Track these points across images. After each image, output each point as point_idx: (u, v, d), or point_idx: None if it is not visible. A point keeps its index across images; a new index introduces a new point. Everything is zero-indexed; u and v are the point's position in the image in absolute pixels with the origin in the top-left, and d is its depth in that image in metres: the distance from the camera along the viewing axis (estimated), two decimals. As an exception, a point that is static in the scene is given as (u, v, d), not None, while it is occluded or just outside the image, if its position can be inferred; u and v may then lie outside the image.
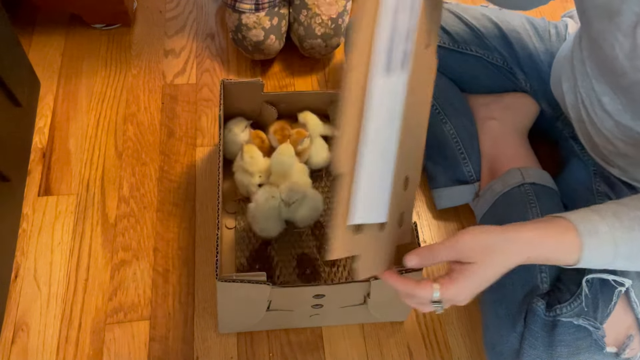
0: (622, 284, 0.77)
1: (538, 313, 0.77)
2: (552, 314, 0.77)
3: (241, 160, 0.95)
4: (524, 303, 0.79)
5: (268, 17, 1.12)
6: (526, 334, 0.76)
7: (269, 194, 0.92)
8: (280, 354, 0.88)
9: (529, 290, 0.80)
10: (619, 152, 0.81)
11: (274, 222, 0.93)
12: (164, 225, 1.00)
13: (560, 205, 0.91)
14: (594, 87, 0.79)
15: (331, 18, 1.14)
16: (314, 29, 1.14)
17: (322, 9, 1.13)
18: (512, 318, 0.78)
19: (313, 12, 1.13)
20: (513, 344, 0.77)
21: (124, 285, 0.93)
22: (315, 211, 0.94)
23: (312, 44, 1.16)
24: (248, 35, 1.13)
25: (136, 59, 1.22)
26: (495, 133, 1.00)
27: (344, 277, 0.95)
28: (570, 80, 0.87)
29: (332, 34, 1.16)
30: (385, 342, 0.90)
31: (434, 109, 1.00)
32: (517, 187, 0.91)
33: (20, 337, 0.87)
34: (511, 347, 0.77)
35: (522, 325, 0.77)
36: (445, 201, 1.01)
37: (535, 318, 0.77)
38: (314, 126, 1.00)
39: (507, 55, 1.01)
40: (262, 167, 0.96)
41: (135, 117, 1.13)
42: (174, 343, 0.88)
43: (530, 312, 0.77)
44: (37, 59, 1.19)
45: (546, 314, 0.77)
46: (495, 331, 0.80)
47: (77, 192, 1.02)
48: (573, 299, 0.77)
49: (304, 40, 1.17)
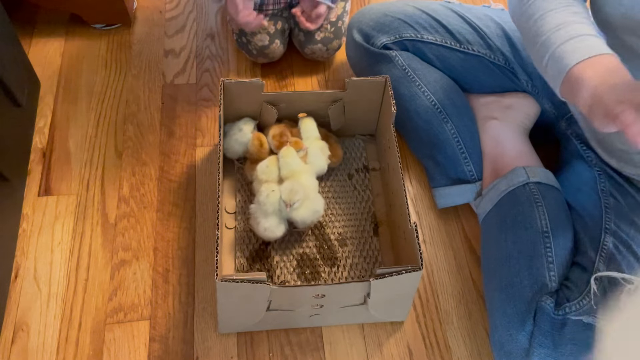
0: (631, 282, 0.77)
1: (547, 311, 0.77)
2: (561, 312, 0.77)
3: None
4: (533, 302, 0.79)
5: (272, 21, 1.12)
6: (535, 333, 0.76)
7: (269, 190, 0.92)
8: (280, 354, 0.88)
9: (538, 289, 0.80)
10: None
11: (276, 219, 0.92)
12: (164, 225, 1.00)
13: (565, 204, 0.91)
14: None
15: (330, 22, 1.14)
16: (314, 34, 1.14)
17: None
18: (521, 317, 0.78)
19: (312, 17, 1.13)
20: (522, 343, 0.77)
21: (124, 285, 0.93)
22: (315, 214, 0.94)
23: (312, 49, 1.17)
24: (253, 39, 1.13)
25: (136, 59, 1.22)
26: (496, 132, 1.00)
27: (344, 277, 0.95)
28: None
29: (332, 37, 1.16)
30: (385, 342, 0.90)
31: (435, 108, 1.00)
32: (522, 186, 0.91)
33: (20, 337, 0.87)
34: (520, 346, 0.77)
35: (532, 324, 0.77)
36: (446, 200, 1.01)
37: (545, 316, 0.77)
38: (310, 133, 1.00)
39: (510, 55, 1.01)
40: (276, 176, 0.96)
41: (135, 117, 1.13)
42: (174, 343, 0.88)
43: (539, 311, 0.77)
44: (37, 59, 1.19)
45: (555, 313, 0.77)
46: (504, 330, 0.79)
47: (77, 192, 1.02)
48: (582, 297, 0.77)
49: (304, 46, 1.17)
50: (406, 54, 1.04)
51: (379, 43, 1.04)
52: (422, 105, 1.00)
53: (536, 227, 0.85)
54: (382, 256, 0.97)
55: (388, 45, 1.04)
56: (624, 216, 0.84)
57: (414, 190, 1.07)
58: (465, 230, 1.02)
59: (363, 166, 1.07)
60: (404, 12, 1.04)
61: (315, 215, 0.94)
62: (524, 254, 0.83)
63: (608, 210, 0.85)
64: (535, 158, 0.99)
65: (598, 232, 0.84)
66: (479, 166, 0.99)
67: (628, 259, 0.80)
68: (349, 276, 0.95)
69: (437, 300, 0.95)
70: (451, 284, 0.96)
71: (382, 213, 1.02)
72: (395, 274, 0.74)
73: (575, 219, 0.89)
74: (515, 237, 0.86)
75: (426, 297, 0.95)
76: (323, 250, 0.97)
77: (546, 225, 0.85)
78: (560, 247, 0.84)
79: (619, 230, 0.83)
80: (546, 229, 0.85)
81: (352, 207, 1.01)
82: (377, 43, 1.04)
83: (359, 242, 0.98)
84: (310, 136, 1.00)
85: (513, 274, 0.82)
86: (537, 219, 0.86)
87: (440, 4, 1.06)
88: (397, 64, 1.03)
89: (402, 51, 1.04)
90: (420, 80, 1.01)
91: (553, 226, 0.85)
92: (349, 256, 0.97)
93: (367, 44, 1.05)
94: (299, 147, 0.96)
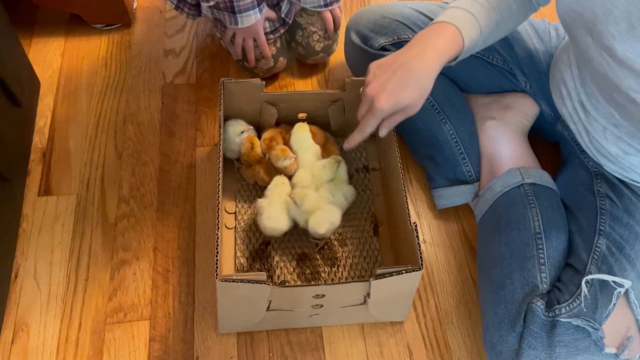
0: (621, 285, 0.78)
1: (537, 313, 0.77)
2: (551, 314, 0.77)
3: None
4: (524, 303, 0.79)
5: (272, 43, 1.12)
6: (525, 334, 0.76)
7: (278, 181, 0.92)
8: (280, 354, 0.88)
9: (529, 291, 0.80)
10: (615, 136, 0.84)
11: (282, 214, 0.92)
12: (164, 225, 1.00)
13: (560, 205, 0.91)
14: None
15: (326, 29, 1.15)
16: (314, 47, 1.15)
17: (317, 25, 1.13)
18: (512, 318, 0.78)
19: (309, 31, 1.13)
20: (512, 344, 0.77)
21: (124, 285, 0.93)
22: (331, 225, 0.91)
23: (315, 59, 1.18)
24: (258, 64, 1.13)
25: (136, 59, 1.22)
26: (495, 133, 1.00)
27: (344, 277, 0.95)
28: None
29: (331, 43, 1.17)
30: (385, 342, 0.90)
31: (434, 109, 1.00)
32: (516, 187, 0.91)
33: (20, 337, 0.87)
34: (510, 347, 0.77)
35: (522, 326, 0.77)
36: (445, 201, 1.01)
37: (535, 318, 0.77)
38: (301, 144, 0.99)
39: (507, 55, 1.01)
40: (288, 189, 0.95)
41: (135, 117, 1.13)
42: (174, 343, 0.88)
43: (529, 312, 0.77)
44: (37, 59, 1.19)
45: (545, 314, 0.77)
46: (495, 331, 0.80)
47: (77, 192, 1.02)
48: (572, 300, 0.77)
49: (306, 58, 1.18)
50: None
51: (376, 45, 1.04)
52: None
53: (529, 229, 0.85)
54: (382, 256, 0.97)
55: (386, 46, 1.04)
56: (619, 218, 0.84)
57: (414, 190, 1.07)
58: (465, 230, 1.02)
59: (363, 166, 1.07)
60: (401, 13, 1.04)
61: (329, 227, 0.91)
62: (516, 255, 0.83)
63: (603, 212, 0.86)
64: (533, 159, 0.99)
65: (592, 233, 0.84)
66: (477, 167, 1.00)
67: (620, 262, 0.80)
68: (349, 276, 0.95)
69: (437, 300, 0.95)
70: (451, 284, 0.96)
71: (382, 213, 1.02)
72: (395, 274, 0.74)
73: (570, 220, 0.89)
74: (508, 238, 0.86)
75: (426, 297, 0.95)
76: (323, 250, 0.97)
77: (539, 226, 0.85)
78: (553, 248, 0.84)
79: (613, 232, 0.83)
80: (539, 230, 0.85)
81: (352, 207, 1.01)
82: (375, 45, 1.04)
83: (359, 242, 0.98)
84: (301, 146, 0.98)
85: (505, 275, 0.83)
86: (530, 221, 0.86)
87: (438, 4, 1.06)
88: None
89: None
90: None
91: (546, 228, 0.85)
92: (349, 256, 0.97)
93: (365, 45, 1.05)
94: (285, 155, 0.96)
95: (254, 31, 1.06)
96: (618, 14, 0.66)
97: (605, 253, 0.81)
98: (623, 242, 0.82)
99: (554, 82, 0.95)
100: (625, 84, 0.68)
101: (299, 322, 0.89)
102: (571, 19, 0.73)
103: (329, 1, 1.10)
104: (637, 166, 0.85)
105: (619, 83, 0.69)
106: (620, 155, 0.85)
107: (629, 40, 0.65)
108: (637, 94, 0.67)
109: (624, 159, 0.85)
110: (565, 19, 0.75)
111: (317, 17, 1.13)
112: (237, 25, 1.04)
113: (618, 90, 0.70)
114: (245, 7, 1.01)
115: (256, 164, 0.98)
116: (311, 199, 0.91)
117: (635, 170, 0.85)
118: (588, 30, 0.70)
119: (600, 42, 0.69)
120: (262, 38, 1.08)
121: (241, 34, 1.07)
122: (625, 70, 0.67)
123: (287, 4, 1.09)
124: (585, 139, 0.90)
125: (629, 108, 0.70)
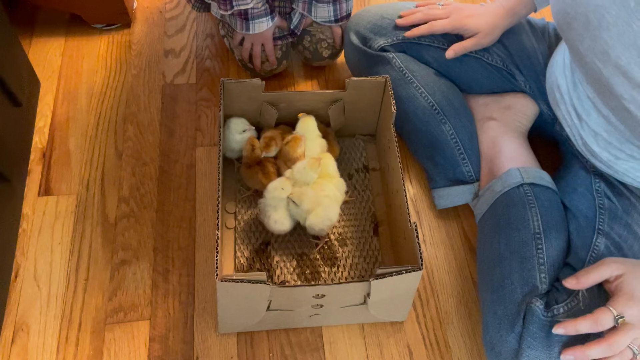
0: None
1: (536, 313, 0.77)
2: (550, 314, 0.77)
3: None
4: (523, 303, 0.79)
5: (279, 48, 1.12)
6: (525, 334, 0.76)
7: (279, 185, 0.92)
8: (280, 354, 0.88)
9: (528, 291, 0.80)
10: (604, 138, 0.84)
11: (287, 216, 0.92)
12: (164, 225, 1.00)
13: (560, 205, 0.91)
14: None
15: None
16: (321, 53, 1.15)
17: (327, 34, 1.13)
18: (511, 318, 0.78)
19: (317, 37, 1.14)
20: (512, 344, 0.77)
21: (124, 285, 0.93)
22: (326, 221, 0.92)
23: (320, 63, 1.19)
24: (262, 67, 1.13)
25: (136, 59, 1.22)
26: (494, 133, 1.00)
27: (344, 277, 0.95)
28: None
29: (339, 50, 1.17)
30: (385, 342, 0.90)
31: (433, 109, 1.00)
32: (516, 187, 0.91)
33: (20, 337, 0.87)
34: (510, 348, 0.77)
35: (521, 326, 0.77)
36: (445, 201, 1.01)
37: (534, 318, 0.77)
38: (310, 133, 1.00)
39: (506, 56, 1.01)
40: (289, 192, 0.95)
41: (135, 117, 1.13)
42: (174, 343, 0.88)
43: (528, 313, 0.77)
44: (37, 59, 1.19)
45: (544, 314, 0.77)
46: (495, 331, 0.80)
47: (77, 192, 1.02)
48: (570, 300, 0.77)
49: (312, 62, 1.18)
50: (403, 56, 1.04)
51: (376, 45, 1.04)
52: (420, 107, 1.01)
53: (528, 229, 0.85)
54: (382, 256, 0.97)
55: (385, 47, 1.04)
56: (617, 218, 0.84)
57: (414, 190, 1.07)
58: (465, 230, 1.02)
59: (363, 166, 1.08)
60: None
61: (327, 223, 0.92)
62: (516, 255, 0.84)
63: (602, 212, 0.86)
64: (532, 159, 0.99)
65: (591, 233, 0.84)
66: (477, 167, 1.00)
67: None
68: (349, 276, 0.95)
69: (437, 300, 0.95)
70: (451, 284, 0.96)
71: (382, 213, 1.02)
72: (395, 274, 0.74)
73: (570, 219, 0.89)
74: (507, 238, 0.86)
75: (426, 297, 0.95)
76: (323, 250, 0.97)
77: (539, 226, 0.85)
78: (553, 248, 0.84)
79: (612, 231, 0.83)
80: (538, 230, 0.85)
81: (352, 207, 1.02)
82: (374, 45, 1.04)
83: (359, 242, 0.98)
84: (310, 136, 1.00)
85: (504, 275, 0.83)
86: (529, 221, 0.86)
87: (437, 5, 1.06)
88: (394, 65, 1.03)
89: (399, 53, 1.04)
90: (418, 82, 1.01)
91: (545, 228, 0.85)
92: (349, 256, 0.97)
93: (364, 46, 1.05)
94: (298, 142, 0.96)
95: (263, 37, 1.07)
96: (610, 19, 0.66)
97: (604, 252, 0.82)
98: (621, 242, 0.82)
99: (549, 84, 0.96)
100: (619, 89, 0.68)
101: (299, 322, 0.89)
102: (565, 22, 0.73)
103: (340, 17, 1.11)
104: (629, 171, 0.85)
105: (613, 87, 0.69)
106: (612, 161, 0.86)
107: (620, 47, 0.66)
108: (630, 103, 0.68)
109: (616, 164, 0.85)
110: (560, 22, 0.75)
111: (326, 27, 1.13)
112: (248, 31, 1.04)
113: (612, 94, 0.70)
114: (258, 15, 1.02)
115: (255, 165, 0.99)
116: (309, 197, 0.91)
117: (628, 174, 0.86)
118: (581, 35, 0.70)
119: (593, 46, 0.69)
120: (271, 45, 1.09)
121: (250, 39, 1.08)
122: (621, 76, 0.67)
123: (298, 16, 1.09)
124: (579, 143, 0.91)
125: (623, 113, 0.71)
